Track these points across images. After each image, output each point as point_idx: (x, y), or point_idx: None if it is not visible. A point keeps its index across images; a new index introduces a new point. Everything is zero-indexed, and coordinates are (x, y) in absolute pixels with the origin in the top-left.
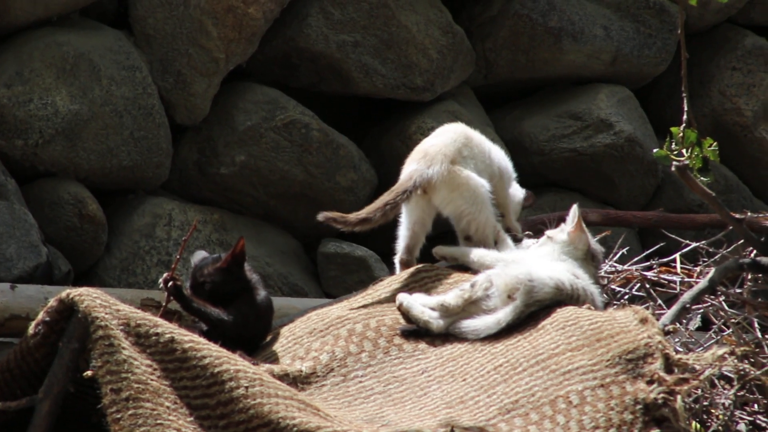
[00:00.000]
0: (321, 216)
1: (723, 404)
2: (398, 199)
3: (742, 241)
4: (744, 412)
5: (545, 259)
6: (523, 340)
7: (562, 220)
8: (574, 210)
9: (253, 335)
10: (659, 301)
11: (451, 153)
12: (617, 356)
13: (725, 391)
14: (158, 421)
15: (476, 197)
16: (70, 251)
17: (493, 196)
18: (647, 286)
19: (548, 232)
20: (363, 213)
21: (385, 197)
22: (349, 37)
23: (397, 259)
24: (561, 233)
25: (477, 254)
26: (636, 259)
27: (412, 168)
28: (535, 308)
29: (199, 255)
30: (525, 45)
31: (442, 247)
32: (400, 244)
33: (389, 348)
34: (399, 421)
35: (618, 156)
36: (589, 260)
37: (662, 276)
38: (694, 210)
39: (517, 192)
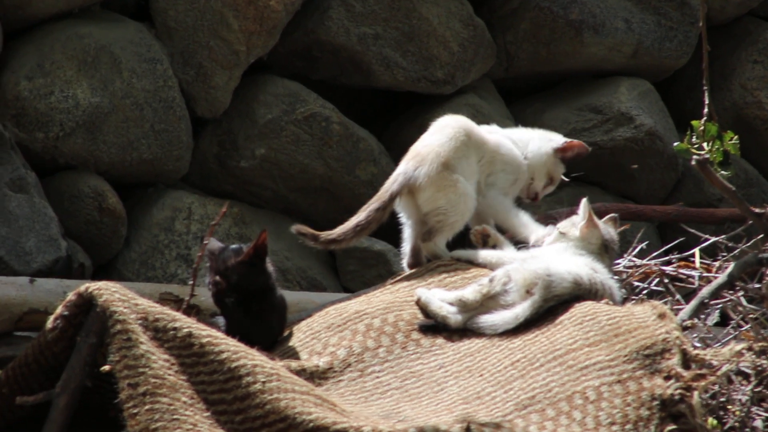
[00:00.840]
0: (293, 228)
1: (740, 400)
2: (370, 219)
3: (761, 235)
4: (761, 408)
5: (559, 255)
6: (540, 336)
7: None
8: (584, 204)
9: (272, 336)
10: (678, 296)
11: (445, 153)
12: (635, 352)
13: (742, 387)
14: (175, 416)
15: (458, 204)
16: (89, 245)
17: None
18: (666, 280)
19: (559, 227)
20: (334, 233)
21: (357, 217)
22: (370, 30)
23: (404, 263)
24: (573, 228)
25: (482, 255)
26: (655, 253)
27: (398, 171)
28: (553, 303)
29: (215, 244)
30: (546, 38)
31: (459, 251)
32: (405, 248)
33: (406, 343)
34: (415, 417)
35: (638, 149)
36: (604, 253)
37: (681, 271)
38: (713, 204)
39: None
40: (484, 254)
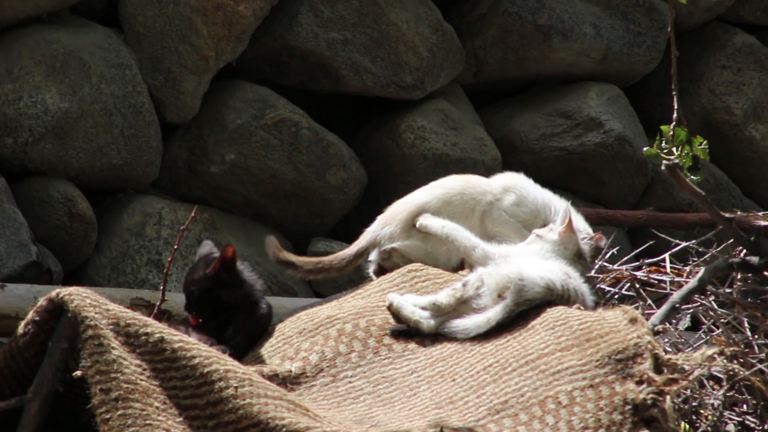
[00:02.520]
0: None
1: (712, 405)
2: (331, 273)
3: (731, 240)
4: (733, 413)
5: (535, 257)
6: (512, 340)
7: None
8: (566, 210)
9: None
10: (649, 301)
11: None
12: (607, 356)
13: (714, 392)
14: (147, 422)
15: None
16: (59, 250)
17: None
18: (637, 285)
19: (536, 231)
20: (299, 271)
21: (324, 262)
22: (339, 35)
23: (371, 270)
24: (550, 232)
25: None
26: (625, 258)
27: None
28: (525, 307)
29: (206, 246)
30: (515, 43)
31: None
32: (373, 254)
33: (379, 348)
34: (388, 422)
35: (608, 155)
36: (577, 261)
37: (652, 276)
38: (683, 209)
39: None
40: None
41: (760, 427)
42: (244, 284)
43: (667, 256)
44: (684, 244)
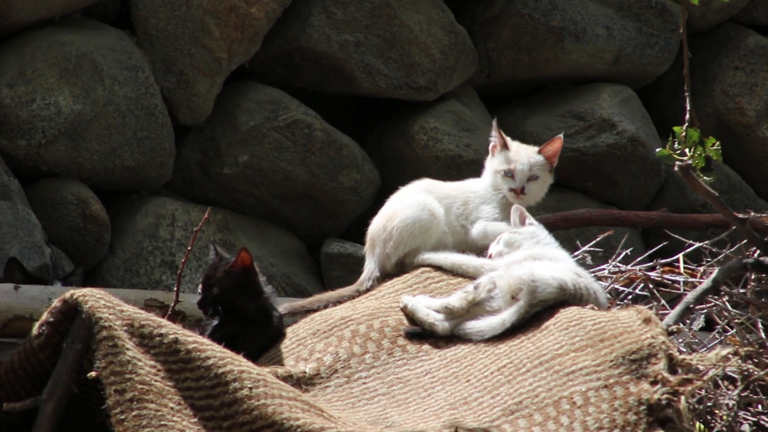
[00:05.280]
0: None
1: (727, 405)
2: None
3: (745, 241)
4: (748, 413)
5: (524, 259)
6: (526, 341)
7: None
8: (515, 209)
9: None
10: (663, 302)
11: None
12: (621, 357)
13: (729, 392)
14: (162, 422)
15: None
16: (73, 252)
17: None
18: (651, 286)
19: (505, 240)
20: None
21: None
22: (352, 37)
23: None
24: (519, 231)
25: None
26: (639, 259)
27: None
28: (539, 308)
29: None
30: (527, 44)
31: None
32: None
33: (393, 349)
34: (403, 423)
35: (621, 156)
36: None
37: (665, 276)
38: (697, 210)
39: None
40: (454, 259)
41: None
42: (261, 296)
43: (680, 256)
44: (697, 244)
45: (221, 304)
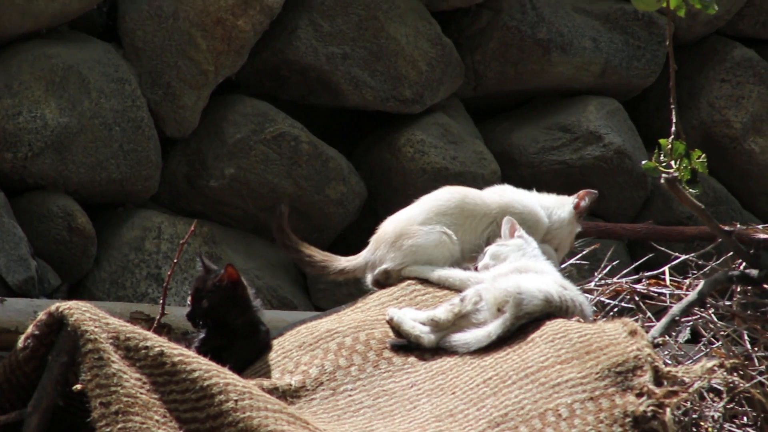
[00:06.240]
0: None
1: (712, 417)
2: (315, 269)
3: (731, 253)
4: (733, 425)
5: (511, 272)
6: (512, 353)
7: None
8: (507, 221)
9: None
10: (648, 314)
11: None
12: (606, 369)
13: (714, 404)
14: None
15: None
16: (59, 264)
17: None
18: (636, 298)
19: (491, 252)
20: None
21: (315, 258)
22: (338, 50)
23: (369, 280)
24: (506, 244)
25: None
26: (625, 271)
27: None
28: (525, 321)
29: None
30: (514, 57)
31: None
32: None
33: (378, 361)
34: None
35: (607, 168)
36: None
37: (651, 288)
38: (683, 222)
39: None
40: (440, 272)
41: None
42: (250, 310)
43: (666, 269)
44: (683, 257)
45: (210, 317)
